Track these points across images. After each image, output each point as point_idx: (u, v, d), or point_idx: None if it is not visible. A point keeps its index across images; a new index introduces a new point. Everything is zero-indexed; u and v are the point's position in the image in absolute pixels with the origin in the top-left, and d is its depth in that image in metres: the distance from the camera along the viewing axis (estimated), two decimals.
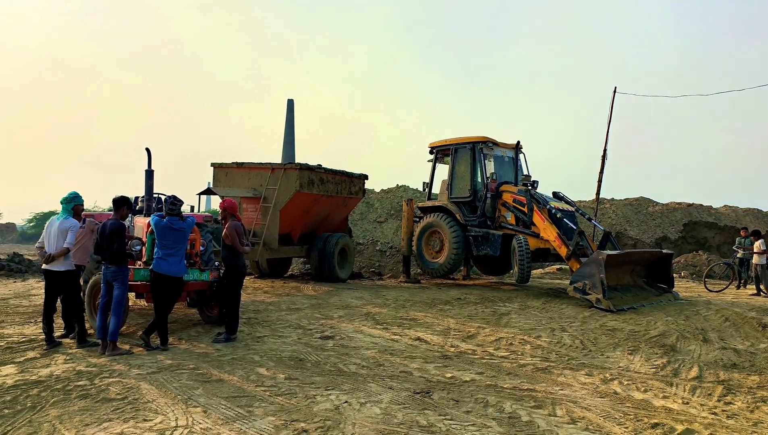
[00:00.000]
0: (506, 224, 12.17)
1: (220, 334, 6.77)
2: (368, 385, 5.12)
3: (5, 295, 10.15)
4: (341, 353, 6.29)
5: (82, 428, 3.94)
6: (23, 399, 4.51)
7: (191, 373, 5.35)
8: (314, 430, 3.98)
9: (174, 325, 7.31)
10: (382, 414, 4.35)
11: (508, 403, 4.68)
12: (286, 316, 8.40)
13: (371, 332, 7.46)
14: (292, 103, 36.58)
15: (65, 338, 6.66)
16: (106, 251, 6.07)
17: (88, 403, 4.45)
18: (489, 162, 12.85)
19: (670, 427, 4.25)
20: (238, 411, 4.34)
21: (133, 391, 4.74)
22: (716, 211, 23.28)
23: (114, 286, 6.09)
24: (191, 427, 4.01)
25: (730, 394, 5.16)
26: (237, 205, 7.21)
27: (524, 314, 8.93)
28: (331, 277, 12.57)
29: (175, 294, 6.44)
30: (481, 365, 5.99)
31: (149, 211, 7.94)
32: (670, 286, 11.10)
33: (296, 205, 11.81)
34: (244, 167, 12.30)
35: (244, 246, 6.86)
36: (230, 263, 6.83)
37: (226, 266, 6.88)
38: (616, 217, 22.66)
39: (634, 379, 5.57)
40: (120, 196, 6.36)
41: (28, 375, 5.14)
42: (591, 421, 4.35)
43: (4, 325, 7.44)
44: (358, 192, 13.83)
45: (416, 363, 5.96)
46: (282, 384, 5.07)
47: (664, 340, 7.18)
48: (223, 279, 6.98)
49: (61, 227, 6.28)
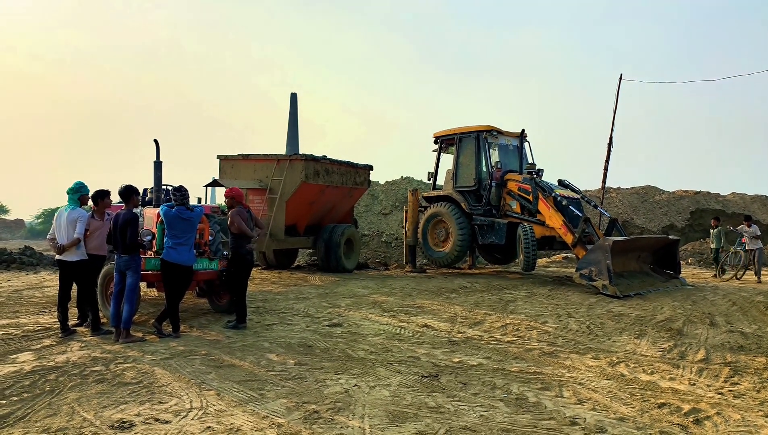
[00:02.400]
0: (511, 213, 12.19)
1: (230, 322, 6.88)
2: (377, 369, 5.20)
3: (19, 287, 10.30)
4: (349, 340, 6.37)
5: (100, 410, 4.04)
6: (42, 384, 4.61)
7: (203, 358, 5.44)
8: (325, 411, 4.06)
9: (185, 314, 7.41)
10: (391, 396, 4.43)
11: (516, 386, 4.75)
12: (294, 305, 8.49)
13: (378, 320, 7.54)
14: (295, 97, 36.65)
15: (79, 326, 6.77)
16: (119, 241, 6.17)
17: (105, 387, 4.56)
18: (493, 151, 12.86)
19: (677, 407, 4.31)
20: (250, 394, 4.43)
21: (147, 376, 4.84)
22: (724, 199, 23.20)
23: (127, 274, 6.18)
24: (206, 408, 4.10)
25: (737, 375, 5.21)
26: (243, 193, 7.27)
27: (530, 301, 8.98)
28: (337, 268, 12.65)
29: (185, 282, 6.54)
30: (488, 350, 6.06)
31: (158, 201, 8.02)
32: (677, 272, 11.12)
33: (302, 196, 11.87)
34: (250, 159, 12.37)
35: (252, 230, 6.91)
36: (236, 251, 6.92)
37: (232, 254, 6.96)
38: (622, 206, 22.62)
39: (640, 362, 5.62)
40: (125, 187, 6.39)
41: (45, 361, 5.25)
42: (598, 401, 4.42)
43: (20, 315, 7.58)
44: (363, 182, 13.88)
45: (424, 349, 6.04)
46: (292, 369, 5.16)
47: (670, 325, 7.22)
48: (230, 267, 7.06)
49: (69, 218, 6.37)
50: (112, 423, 3.80)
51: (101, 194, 6.79)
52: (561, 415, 4.10)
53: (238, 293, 6.92)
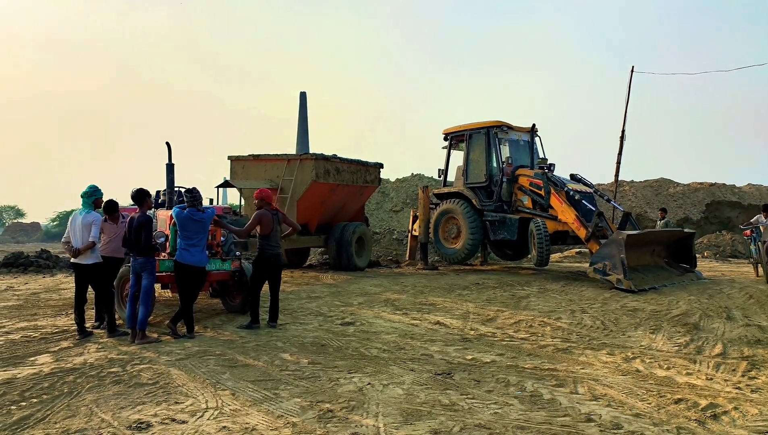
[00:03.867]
0: (523, 208, 12.12)
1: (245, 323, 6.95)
2: (390, 367, 5.20)
3: (36, 290, 10.45)
4: (362, 338, 6.38)
5: (118, 411, 4.10)
6: (60, 385, 4.68)
7: (218, 358, 5.49)
8: (339, 410, 4.08)
9: (199, 314, 7.48)
10: (405, 394, 4.43)
11: (530, 382, 4.73)
12: (306, 304, 8.53)
13: (391, 318, 7.55)
14: (304, 96, 36.74)
15: (96, 328, 6.86)
16: (134, 244, 6.23)
17: (122, 388, 4.61)
18: (504, 146, 12.79)
19: (694, 402, 4.26)
20: (265, 393, 4.46)
21: (163, 376, 4.89)
22: (740, 190, 22.87)
23: (142, 276, 6.25)
24: (221, 408, 4.14)
25: (755, 369, 5.14)
26: (270, 194, 7.30)
27: (543, 297, 8.93)
28: (349, 266, 12.68)
29: (198, 283, 6.60)
30: (502, 347, 6.04)
31: (171, 203, 8.09)
32: (693, 266, 10.99)
33: (313, 195, 11.91)
34: (261, 159, 12.43)
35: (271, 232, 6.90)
36: (259, 253, 6.99)
37: (256, 255, 7.06)
38: (636, 200, 22.39)
39: (656, 357, 5.57)
40: (137, 190, 6.44)
41: (63, 363, 5.33)
42: (613, 397, 4.38)
43: (38, 317, 7.69)
44: (374, 180, 13.88)
45: (437, 346, 6.03)
46: (306, 368, 5.18)
47: (686, 319, 7.15)
48: (253, 268, 7.18)
49: (84, 221, 6.44)
50: (129, 424, 3.85)
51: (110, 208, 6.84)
52: (576, 412, 4.07)
53: (252, 293, 6.98)
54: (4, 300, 9.24)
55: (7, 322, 7.36)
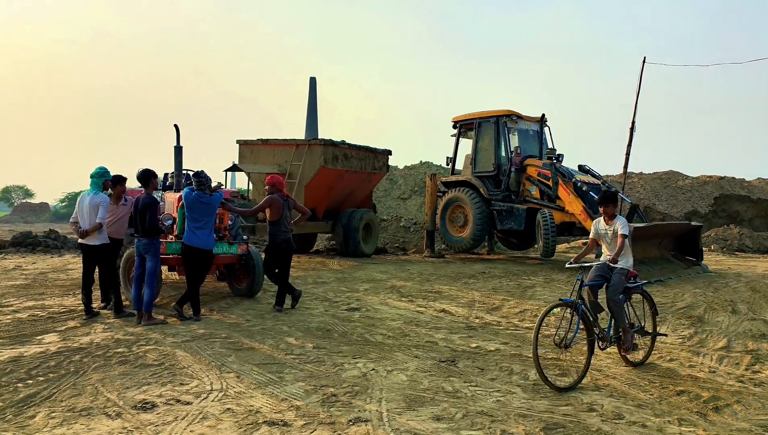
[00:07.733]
0: (531, 198, 12.06)
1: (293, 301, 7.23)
2: (394, 354, 5.23)
3: (44, 270, 10.56)
4: (367, 324, 6.41)
5: (123, 391, 4.15)
6: (66, 364, 4.74)
7: (223, 341, 5.53)
8: (343, 395, 4.11)
9: (205, 297, 7.53)
10: (409, 381, 4.45)
11: (533, 371, 4.73)
12: (312, 289, 8.56)
13: (396, 304, 7.57)
14: (314, 81, 36.62)
15: (103, 309, 6.93)
16: (138, 225, 6.27)
17: (128, 368, 4.67)
18: (513, 136, 12.70)
19: (696, 394, 4.26)
20: (269, 377, 4.50)
21: (169, 358, 4.94)
22: (749, 184, 22.63)
23: (147, 258, 6.29)
24: (225, 390, 4.18)
25: (758, 363, 5.12)
26: (281, 180, 7.41)
27: (549, 287, 8.92)
28: (355, 253, 12.69)
29: (205, 266, 6.63)
30: (506, 336, 6.05)
31: (179, 186, 8.11)
32: (699, 259, 10.92)
33: (321, 180, 11.90)
34: (269, 144, 12.41)
35: (281, 217, 7.01)
36: (270, 239, 7.16)
37: (268, 242, 7.21)
38: (644, 192, 22.22)
39: (660, 349, 5.56)
40: (143, 171, 6.41)
41: (70, 342, 5.39)
42: (615, 388, 4.39)
43: (45, 297, 7.78)
44: (382, 167, 13.84)
45: (441, 333, 6.05)
46: (310, 353, 5.22)
47: (691, 312, 7.12)
48: (265, 254, 7.34)
49: (92, 203, 6.47)
50: (135, 404, 3.90)
51: (117, 180, 6.98)
52: (578, 402, 4.08)
53: (274, 279, 7.19)
54: (12, 279, 9.34)
55: (15, 300, 7.45)
